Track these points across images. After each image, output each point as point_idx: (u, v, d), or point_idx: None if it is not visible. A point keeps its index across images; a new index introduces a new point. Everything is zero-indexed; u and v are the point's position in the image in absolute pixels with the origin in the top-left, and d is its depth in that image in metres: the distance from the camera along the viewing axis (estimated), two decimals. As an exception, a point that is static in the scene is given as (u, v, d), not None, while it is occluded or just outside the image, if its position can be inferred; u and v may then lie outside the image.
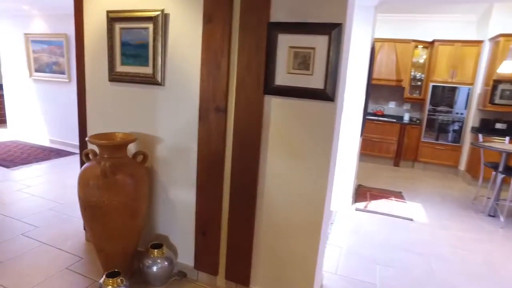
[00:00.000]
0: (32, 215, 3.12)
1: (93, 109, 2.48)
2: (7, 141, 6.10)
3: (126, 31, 2.17)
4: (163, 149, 2.26)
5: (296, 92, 1.81)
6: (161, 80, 2.13)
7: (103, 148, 2.01)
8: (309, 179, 1.87)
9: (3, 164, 4.66)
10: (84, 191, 1.97)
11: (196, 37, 2.01)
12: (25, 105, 6.37)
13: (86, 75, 2.44)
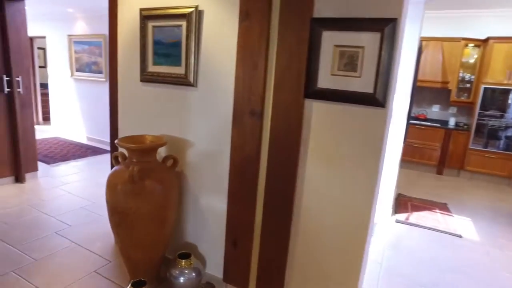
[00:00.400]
0: (66, 213, 3.15)
1: (124, 110, 2.43)
2: (50, 138, 6.36)
3: (158, 29, 2.08)
4: (194, 154, 2.15)
5: (340, 96, 1.62)
6: (194, 81, 2.02)
7: (131, 152, 1.93)
8: (354, 190, 1.68)
9: (44, 161, 4.82)
10: (111, 196, 1.90)
11: (231, 35, 1.88)
12: (66, 103, 6.61)
13: (118, 75, 2.39)
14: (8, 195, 3.48)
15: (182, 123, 2.16)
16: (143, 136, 2.13)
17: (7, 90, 3.62)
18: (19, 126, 3.74)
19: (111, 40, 2.34)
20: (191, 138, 2.14)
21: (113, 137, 2.50)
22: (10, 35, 3.54)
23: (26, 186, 3.76)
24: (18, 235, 2.69)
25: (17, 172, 3.85)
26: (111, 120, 2.49)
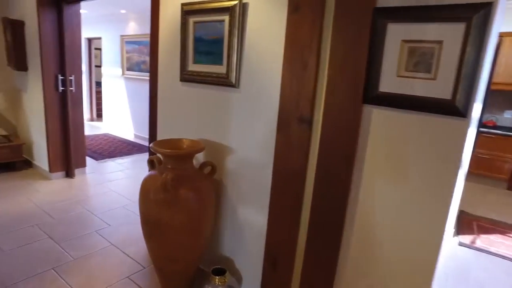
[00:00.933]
0: (108, 212, 3.16)
1: (163, 110, 2.32)
2: (100, 134, 6.62)
3: (200, 25, 1.92)
4: (234, 161, 1.97)
5: (408, 102, 1.33)
6: (236, 81, 1.84)
7: (166, 158, 1.79)
8: (421, 213, 1.38)
9: (93, 156, 4.98)
10: (143, 203, 1.78)
11: (278, 30, 1.66)
12: (116, 101, 6.85)
13: (159, 74, 2.28)
14: (59, 190, 3.59)
15: (222, 128, 1.99)
16: (180, 140, 1.99)
17: (61, 89, 3.74)
18: (70, 124, 3.86)
19: (152, 38, 2.24)
20: (231, 144, 1.96)
21: (152, 139, 2.41)
22: (66, 36, 3.64)
23: (75, 182, 3.87)
24: (62, 231, 2.72)
25: (68, 167, 3.98)
26: (150, 120, 2.40)
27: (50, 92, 3.68)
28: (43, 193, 3.48)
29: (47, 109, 3.69)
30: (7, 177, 3.84)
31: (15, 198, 3.30)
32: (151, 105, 2.37)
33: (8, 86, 4.22)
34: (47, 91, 3.65)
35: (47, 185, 3.70)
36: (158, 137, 2.38)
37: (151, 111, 2.39)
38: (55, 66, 3.67)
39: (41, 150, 3.95)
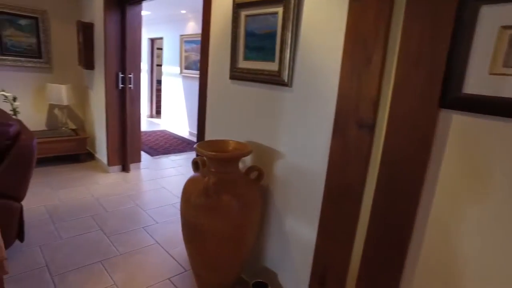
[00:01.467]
0: (156, 209, 3.19)
1: (212, 109, 2.23)
2: (158, 131, 6.89)
3: (251, 19, 1.78)
4: (283, 167, 1.80)
5: (505, 107, 1.05)
6: (288, 80, 1.67)
7: (210, 160, 1.68)
8: (511, 256, 1.08)
9: (148, 152, 5.16)
10: (185, 206, 1.70)
11: (338, 20, 1.45)
12: (174, 99, 7.08)
13: (209, 72, 2.20)
14: (115, 183, 3.74)
15: (271, 130, 1.83)
16: (226, 141, 1.88)
17: (121, 86, 3.90)
18: (128, 120, 4.01)
19: (203, 34, 2.16)
20: (281, 148, 1.80)
21: (200, 138, 2.34)
22: (127, 36, 3.78)
23: (129, 176, 4.01)
24: (112, 225, 2.79)
25: (124, 162, 4.14)
26: (199, 120, 2.33)
27: (111, 89, 3.85)
28: (100, 185, 3.64)
29: (107, 106, 3.86)
30: (72, 168, 4.11)
31: (77, 188, 3.50)
32: (200, 103, 2.30)
33: (78, 83, 4.53)
34: (108, 88, 3.82)
35: (105, 178, 3.88)
36: (206, 136, 2.30)
37: (200, 110, 2.32)
38: (117, 64, 3.83)
39: (102, 144, 4.16)
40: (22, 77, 4.10)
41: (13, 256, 2.27)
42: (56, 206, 3.05)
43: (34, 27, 4.03)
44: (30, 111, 4.24)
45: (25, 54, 4.04)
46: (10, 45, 3.93)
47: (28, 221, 2.75)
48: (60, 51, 4.30)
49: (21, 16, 3.93)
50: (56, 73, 4.32)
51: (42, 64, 4.16)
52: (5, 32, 3.87)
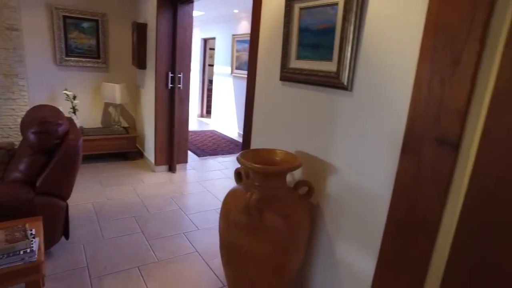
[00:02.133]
0: (199, 213, 3.08)
1: (259, 113, 2.04)
2: (207, 131, 6.90)
3: (307, 12, 1.55)
4: (337, 184, 1.55)
5: None
6: (348, 82, 1.41)
7: (255, 173, 1.49)
8: None
9: (196, 152, 5.14)
10: (223, 223, 1.52)
11: (414, 10, 1.17)
12: (224, 99, 7.05)
13: (257, 72, 2.01)
14: (160, 183, 3.73)
15: (325, 140, 1.59)
16: (273, 151, 1.67)
17: (170, 86, 3.88)
18: (176, 120, 3.98)
19: (252, 32, 1.97)
20: (335, 162, 1.54)
21: (245, 145, 2.16)
22: (178, 36, 3.75)
23: (175, 177, 3.98)
24: (153, 228, 2.73)
25: (171, 162, 4.14)
26: (244, 124, 2.16)
27: (161, 89, 3.85)
28: (146, 184, 3.64)
29: (157, 105, 3.86)
30: (121, 166, 4.19)
31: (123, 187, 3.53)
32: (247, 107, 2.12)
33: (131, 83, 4.64)
34: (158, 87, 3.82)
35: (151, 177, 3.89)
36: (252, 143, 2.12)
37: (247, 114, 2.14)
38: (167, 64, 3.82)
39: (150, 143, 4.20)
40: (82, 77, 4.28)
41: (58, 253, 2.29)
42: (103, 204, 3.08)
43: (95, 29, 4.18)
44: (88, 109, 4.42)
45: (85, 54, 4.20)
46: (74, 47, 4.12)
47: (77, 217, 2.80)
48: (116, 51, 4.42)
49: (84, 19, 4.09)
50: (111, 72, 4.46)
51: (100, 64, 4.31)
52: (71, 35, 4.06)
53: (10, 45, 3.60)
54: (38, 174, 2.07)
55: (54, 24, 3.93)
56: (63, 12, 3.95)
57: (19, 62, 3.67)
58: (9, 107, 3.70)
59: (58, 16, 3.92)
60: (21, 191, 1.96)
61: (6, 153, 2.32)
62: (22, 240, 1.56)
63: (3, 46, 3.58)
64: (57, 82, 4.12)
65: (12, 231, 1.62)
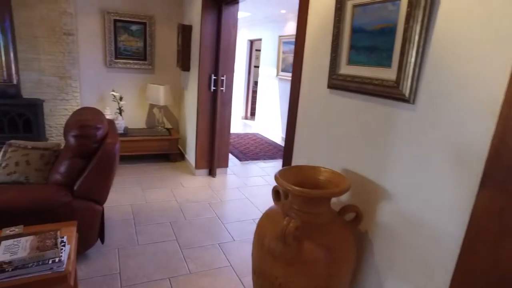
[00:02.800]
0: (236, 223, 2.95)
1: (302, 124, 1.85)
2: (250, 133, 6.80)
3: (361, 10, 1.33)
4: (390, 212, 1.31)
5: None
6: (410, 94, 1.17)
7: (293, 196, 1.30)
8: None
9: (238, 156, 5.04)
10: (256, 247, 1.35)
11: (507, 4, 0.91)
12: (268, 101, 6.90)
13: (302, 78, 1.82)
14: (199, 188, 3.67)
15: (379, 160, 1.35)
16: (317, 169, 1.47)
17: (213, 88, 3.81)
18: (217, 123, 3.90)
19: (298, 33, 1.79)
20: (389, 186, 1.31)
21: (286, 158, 1.98)
22: (222, 37, 3.66)
23: (215, 182, 3.90)
24: (188, 236, 2.65)
25: (211, 165, 4.07)
26: (286, 135, 1.97)
27: (203, 91, 3.79)
28: (185, 188, 3.60)
29: (199, 108, 3.81)
30: (162, 167, 4.21)
31: (162, 189, 3.52)
32: (290, 115, 1.94)
33: (175, 84, 4.66)
34: (200, 90, 3.77)
35: (190, 181, 3.84)
36: (293, 157, 1.93)
37: (289, 124, 1.96)
38: (210, 66, 3.75)
39: (191, 145, 4.17)
40: (129, 78, 4.38)
41: (93, 256, 2.28)
42: (141, 207, 3.07)
43: (142, 31, 4.26)
44: (133, 110, 4.51)
45: (133, 56, 4.29)
46: (123, 49, 4.22)
47: (115, 219, 2.81)
48: (161, 53, 4.46)
49: (133, 22, 4.18)
50: (157, 74, 4.51)
51: (146, 65, 4.38)
52: (120, 37, 4.17)
53: (66, 49, 3.76)
54: (77, 177, 2.06)
55: (105, 28, 4.05)
56: (114, 16, 4.06)
57: (73, 64, 3.83)
58: (63, 107, 3.87)
59: (109, 20, 4.04)
60: (59, 194, 1.96)
61: (52, 154, 2.37)
62: (51, 249, 1.52)
63: (60, 50, 3.75)
64: (106, 83, 4.25)
65: (44, 238, 1.59)
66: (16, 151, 2.34)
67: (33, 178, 2.23)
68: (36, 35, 3.63)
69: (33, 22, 3.60)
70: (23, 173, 2.23)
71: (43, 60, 3.70)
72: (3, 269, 1.42)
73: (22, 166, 2.25)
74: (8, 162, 2.28)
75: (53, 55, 3.73)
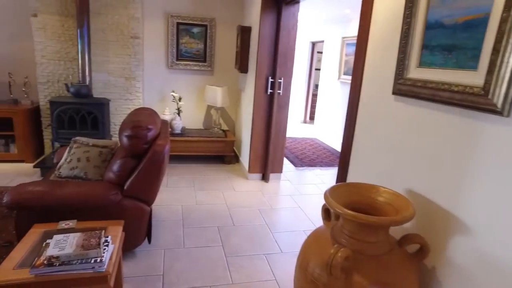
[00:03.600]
0: (285, 233, 2.80)
1: (362, 133, 1.63)
2: (307, 138, 6.58)
3: (439, 0, 1.10)
4: (466, 250, 1.05)
5: None
6: (503, 104, 0.92)
7: (345, 219, 1.11)
8: None
9: (293, 161, 4.87)
10: (299, 270, 1.19)
11: None
12: (328, 106, 6.60)
13: (363, 82, 1.61)
14: (250, 193, 3.59)
15: (454, 182, 1.10)
16: (376, 188, 1.26)
17: (270, 91, 3.70)
18: (273, 127, 3.79)
19: (360, 31, 1.59)
20: (466, 216, 1.05)
21: (341, 172, 1.78)
22: (281, 38, 3.54)
23: (267, 187, 3.79)
24: (235, 243, 2.56)
25: (264, 170, 3.96)
26: (343, 144, 1.78)
27: (260, 94, 3.70)
28: (236, 192, 3.54)
29: (255, 110, 3.73)
30: (216, 169, 4.22)
31: (214, 192, 3.50)
32: (348, 123, 1.74)
33: (233, 86, 4.66)
34: (257, 92, 3.68)
35: (242, 184, 3.78)
36: (349, 170, 1.72)
37: (347, 132, 1.76)
38: (268, 68, 3.65)
39: (246, 148, 4.11)
40: (188, 79, 4.48)
41: (139, 255, 2.31)
42: (191, 209, 3.07)
43: (203, 34, 4.32)
44: (192, 110, 4.61)
45: (193, 58, 4.38)
46: (184, 52, 4.34)
47: (165, 218, 2.84)
48: (220, 55, 4.49)
49: (194, 25, 4.27)
50: (215, 75, 4.55)
51: (205, 67, 4.44)
52: (182, 40, 4.29)
53: (132, 52, 3.97)
54: (128, 176, 2.10)
55: (169, 31, 4.19)
56: (177, 19, 4.18)
57: (137, 66, 4.02)
58: (126, 107, 4.09)
59: (172, 23, 4.17)
60: (110, 192, 2.00)
61: (109, 152, 2.47)
62: (94, 248, 1.53)
63: (127, 52, 3.96)
64: (167, 84, 4.40)
65: (89, 236, 1.61)
66: (79, 147, 2.48)
67: (91, 174, 2.33)
68: (107, 39, 3.88)
69: (106, 27, 3.85)
70: (83, 169, 2.34)
71: (111, 62, 3.94)
72: (51, 263, 1.46)
73: (83, 162, 2.37)
74: (72, 158, 2.42)
75: (121, 57, 3.95)
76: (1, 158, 3.80)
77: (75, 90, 3.56)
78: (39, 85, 3.86)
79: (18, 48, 3.98)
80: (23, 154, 3.82)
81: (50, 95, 3.87)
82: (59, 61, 3.84)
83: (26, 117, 3.74)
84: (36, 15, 3.70)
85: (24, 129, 3.76)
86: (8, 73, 3.93)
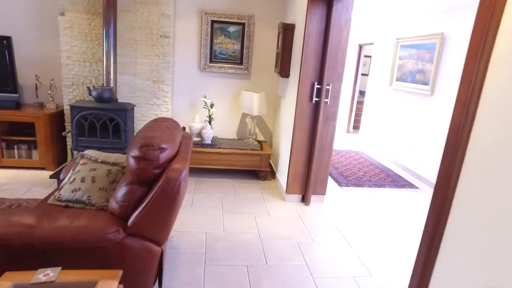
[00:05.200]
0: (328, 279, 2.21)
1: (473, 181, 1.03)
2: (352, 151, 5.88)
3: None
4: None
5: None
6: None
7: None
8: None
9: (337, 179, 4.25)
10: None
11: None
12: (377, 115, 5.86)
13: (481, 97, 1.00)
14: (288, 218, 3.03)
15: None
16: None
17: (315, 99, 3.13)
18: (317, 141, 3.21)
19: (475, 30, 0.98)
20: None
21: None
22: (330, 38, 2.97)
23: (307, 212, 3.21)
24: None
25: (305, 191, 3.39)
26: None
27: (303, 102, 3.14)
28: (271, 218, 3.00)
29: (296, 121, 3.18)
30: (249, 186, 3.71)
31: (245, 216, 2.99)
32: (447, 152, 1.14)
33: (272, 92, 4.14)
34: (300, 100, 3.13)
35: (278, 207, 3.23)
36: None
37: (445, 166, 1.16)
38: (314, 73, 3.08)
39: (284, 164, 3.57)
40: (222, 83, 4.03)
41: (150, 304, 1.84)
42: (217, 238, 2.58)
43: (240, 33, 3.86)
44: (225, 118, 4.15)
45: (228, 60, 3.93)
46: (218, 53, 3.90)
47: (186, 250, 2.36)
48: (259, 57, 3.99)
49: (231, 23, 3.82)
50: (253, 80, 4.06)
51: (241, 70, 3.96)
52: (216, 40, 3.86)
53: (161, 52, 3.58)
54: (134, 208, 1.64)
55: (202, 29, 3.77)
56: (212, 16, 3.74)
57: (167, 68, 3.63)
58: (153, 112, 3.71)
59: (206, 21, 3.74)
60: (109, 229, 1.55)
61: (119, 171, 2.04)
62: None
63: (155, 53, 3.59)
64: (198, 88, 3.98)
65: None
66: (86, 164, 2.07)
67: (95, 199, 1.91)
68: (135, 39, 3.53)
69: (134, 26, 3.50)
70: (87, 191, 1.92)
71: (139, 64, 3.59)
72: None
73: (87, 183, 1.95)
74: (75, 177, 2.01)
75: (149, 58, 3.58)
76: (22, 164, 3.57)
77: (97, 94, 3.22)
78: (64, 88, 3.59)
79: (45, 49, 3.75)
80: (44, 162, 3.56)
81: (74, 98, 3.59)
82: (85, 62, 3.54)
83: (48, 122, 3.48)
84: (64, 14, 3.43)
85: (46, 135, 3.50)
86: (35, 75, 3.71)
